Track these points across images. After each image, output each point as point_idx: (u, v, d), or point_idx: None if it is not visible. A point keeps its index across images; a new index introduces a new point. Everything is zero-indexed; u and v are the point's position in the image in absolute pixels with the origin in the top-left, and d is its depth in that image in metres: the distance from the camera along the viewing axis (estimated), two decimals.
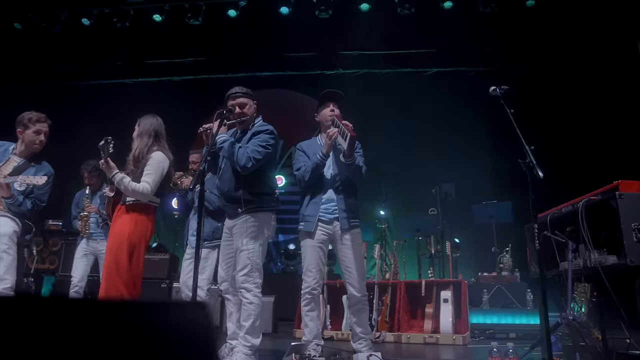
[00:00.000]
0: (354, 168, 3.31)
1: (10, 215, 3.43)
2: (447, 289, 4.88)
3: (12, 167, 3.50)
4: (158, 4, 8.36)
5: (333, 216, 3.35)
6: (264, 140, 3.26)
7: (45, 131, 3.56)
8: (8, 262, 3.22)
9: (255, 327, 3.18)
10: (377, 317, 4.97)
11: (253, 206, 3.24)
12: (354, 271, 3.29)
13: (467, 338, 4.70)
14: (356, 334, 3.34)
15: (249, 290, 3.17)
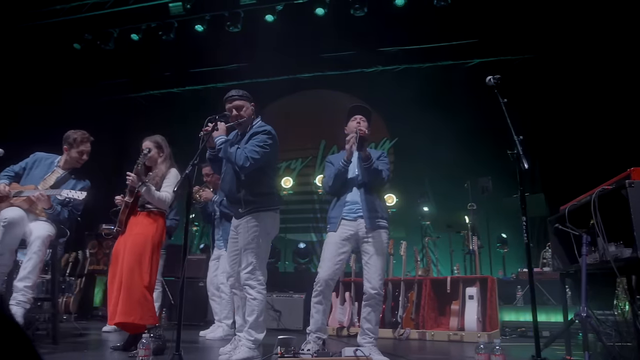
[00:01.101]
0: (373, 172, 3.40)
1: (48, 220, 3.78)
2: (473, 285, 4.74)
3: (55, 178, 3.90)
4: (199, 14, 8.72)
5: (357, 215, 3.45)
6: (262, 140, 3.37)
7: (88, 151, 3.99)
8: (35, 263, 3.54)
9: (259, 322, 3.29)
10: (402, 314, 4.93)
11: (255, 206, 3.35)
12: (373, 267, 3.36)
13: (495, 336, 4.56)
14: (363, 329, 3.38)
15: (252, 287, 3.29)
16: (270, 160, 3.47)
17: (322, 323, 3.39)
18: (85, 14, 8.59)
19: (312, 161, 9.63)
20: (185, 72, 9.93)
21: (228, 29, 8.62)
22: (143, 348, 2.62)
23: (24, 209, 3.63)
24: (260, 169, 3.39)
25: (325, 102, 9.72)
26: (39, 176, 3.87)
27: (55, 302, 4.03)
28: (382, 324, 5.04)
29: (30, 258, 3.50)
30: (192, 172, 2.97)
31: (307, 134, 9.53)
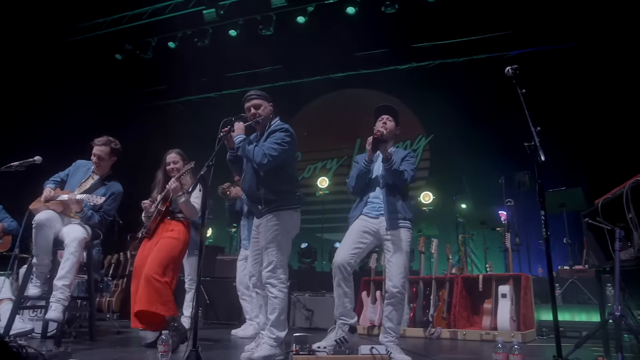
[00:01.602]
0: (394, 173, 3.36)
1: (82, 223, 3.97)
2: (506, 283, 4.58)
3: (90, 183, 4.15)
4: (232, 19, 8.88)
5: (379, 212, 3.42)
6: (280, 138, 3.39)
7: (96, 154, 4.12)
8: (72, 263, 3.74)
9: (281, 320, 3.31)
10: (434, 313, 4.83)
11: (275, 205, 3.37)
12: (394, 265, 3.31)
13: (530, 336, 4.39)
14: (384, 328, 3.33)
15: (273, 286, 3.32)
16: (289, 158, 3.49)
17: (345, 307, 3.36)
18: (125, 26, 8.95)
19: (348, 160, 9.59)
20: (221, 77, 10.14)
21: (261, 32, 8.73)
22: (162, 344, 2.69)
23: (58, 211, 3.88)
24: (280, 167, 3.41)
25: (360, 101, 9.67)
26: (77, 182, 4.13)
27: (92, 301, 4.22)
28: (412, 323, 4.99)
29: (68, 259, 3.70)
30: (208, 174, 3.02)
31: (343, 133, 9.51)
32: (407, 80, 9.06)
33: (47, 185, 4.06)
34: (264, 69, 9.95)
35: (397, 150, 3.61)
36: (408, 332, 4.92)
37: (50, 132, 4.80)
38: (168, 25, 8.95)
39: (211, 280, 6.41)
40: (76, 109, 8.08)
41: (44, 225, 3.67)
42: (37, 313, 4.46)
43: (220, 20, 8.79)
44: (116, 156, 4.28)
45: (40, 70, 8.17)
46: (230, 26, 8.95)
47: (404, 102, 9.30)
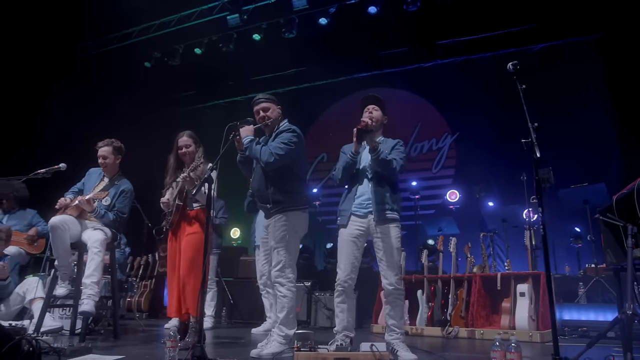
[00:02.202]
0: (382, 163, 3.29)
1: (101, 226, 4.17)
2: (525, 282, 4.48)
3: (102, 186, 4.35)
4: (256, 23, 9.03)
5: (367, 210, 3.36)
6: (286, 138, 3.46)
7: (101, 155, 4.37)
8: (97, 262, 3.96)
9: (290, 318, 3.37)
10: (452, 312, 4.78)
11: (283, 205, 3.44)
12: (387, 263, 3.28)
13: (550, 335, 4.27)
14: (388, 326, 3.32)
15: (282, 285, 3.38)
16: (297, 159, 3.54)
17: (348, 322, 3.36)
18: (154, 34, 9.25)
19: None
20: (247, 80, 10.31)
21: (284, 35, 8.82)
22: (170, 340, 2.79)
23: (74, 216, 4.11)
24: (288, 168, 3.47)
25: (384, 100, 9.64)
26: (91, 187, 4.40)
27: (115, 300, 4.41)
28: (430, 322, 4.95)
29: (92, 259, 3.93)
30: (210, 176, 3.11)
31: None
32: (432, 78, 8.98)
33: (67, 196, 4.32)
34: (288, 72, 10.06)
35: (386, 140, 3.53)
36: (426, 331, 4.90)
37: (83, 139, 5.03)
38: (194, 32, 9.20)
39: (234, 280, 6.54)
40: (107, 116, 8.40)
41: (57, 227, 3.88)
42: (66, 311, 4.68)
43: (244, 25, 8.95)
44: (120, 154, 4.47)
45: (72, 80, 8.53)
46: (253, 30, 9.09)
47: (429, 100, 9.24)
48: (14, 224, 5.26)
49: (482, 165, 7.97)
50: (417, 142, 9.21)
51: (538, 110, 7.52)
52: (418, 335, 4.89)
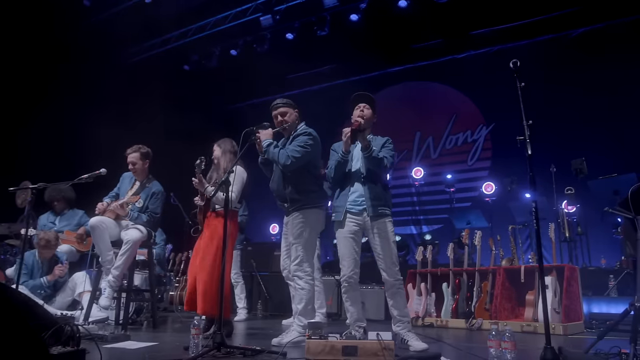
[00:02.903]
0: (373, 160, 3.38)
1: (137, 225, 4.51)
2: (549, 274, 4.45)
3: (134, 190, 4.66)
4: (288, 23, 9.23)
5: (361, 207, 3.45)
6: (302, 141, 3.62)
7: (130, 161, 4.68)
8: (126, 259, 4.34)
9: (308, 309, 3.55)
10: (476, 304, 4.81)
11: (300, 204, 3.62)
12: (385, 257, 3.37)
13: (574, 328, 4.24)
14: (394, 317, 3.42)
15: (300, 278, 3.57)
16: (312, 160, 3.70)
17: (359, 313, 3.48)
18: (191, 38, 9.63)
19: (408, 154, 9.60)
20: (282, 79, 10.54)
21: (316, 33, 8.97)
22: (194, 328, 3.03)
23: (112, 218, 4.48)
24: (304, 168, 3.64)
25: (418, 94, 9.66)
26: (125, 191, 4.75)
27: (152, 293, 4.74)
28: (455, 314, 5.00)
29: (123, 254, 4.29)
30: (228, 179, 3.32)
31: (401, 127, 9.53)
32: (465, 69, 8.88)
33: (105, 200, 4.69)
34: (322, 69, 10.23)
35: (375, 137, 3.59)
36: (450, 323, 4.95)
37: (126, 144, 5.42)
38: (229, 34, 9.50)
39: (269, 275, 6.79)
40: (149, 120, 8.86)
41: (96, 226, 4.24)
42: (111, 303, 5.07)
43: (277, 25, 9.17)
44: (147, 159, 4.76)
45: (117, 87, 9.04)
46: (286, 30, 9.29)
47: (463, 91, 9.15)
48: (65, 224, 5.73)
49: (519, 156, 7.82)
50: (452, 135, 9.16)
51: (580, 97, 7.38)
52: (443, 327, 4.96)
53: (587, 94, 7.26)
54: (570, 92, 7.42)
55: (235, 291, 5.84)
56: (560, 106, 7.42)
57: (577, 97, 7.31)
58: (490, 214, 7.23)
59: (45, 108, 7.53)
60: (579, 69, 7.55)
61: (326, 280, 5.87)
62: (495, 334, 2.41)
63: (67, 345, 2.54)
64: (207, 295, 3.82)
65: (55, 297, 5.06)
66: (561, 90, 7.51)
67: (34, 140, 7.50)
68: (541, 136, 7.09)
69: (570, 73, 7.60)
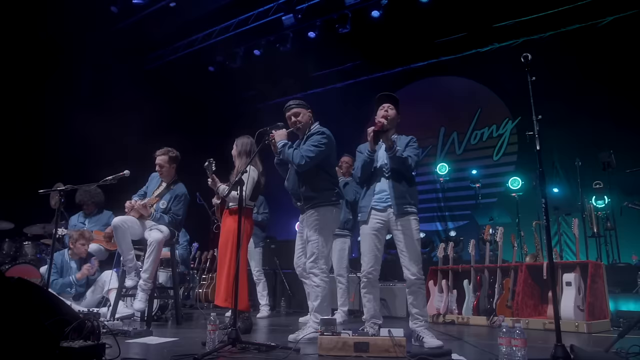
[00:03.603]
0: (398, 160, 3.43)
1: (159, 226, 4.64)
2: (572, 271, 4.34)
3: (159, 191, 4.78)
4: (310, 21, 9.25)
5: (386, 204, 3.48)
6: (316, 140, 3.66)
7: (158, 163, 4.79)
8: (152, 259, 4.47)
9: (323, 306, 3.59)
10: (497, 301, 4.74)
11: (315, 202, 3.67)
12: (408, 254, 3.38)
13: (599, 326, 4.13)
14: (412, 315, 3.42)
15: (316, 275, 3.60)
16: (327, 158, 3.73)
17: (375, 310, 3.51)
18: (215, 39, 9.78)
19: (433, 150, 9.51)
20: (306, 77, 10.61)
21: (338, 30, 8.96)
22: (210, 324, 3.11)
23: (136, 217, 4.61)
24: (319, 167, 3.68)
25: (441, 89, 9.55)
26: (152, 190, 4.84)
27: (176, 291, 4.87)
28: (476, 311, 4.95)
29: (149, 256, 4.43)
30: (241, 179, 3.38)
31: (426, 122, 9.46)
32: (490, 63, 8.73)
33: (133, 198, 4.84)
34: (345, 66, 10.24)
35: (400, 137, 3.63)
36: (472, 320, 4.90)
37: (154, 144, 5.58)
38: (252, 34, 9.60)
39: (292, 272, 6.83)
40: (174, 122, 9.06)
41: (118, 226, 4.38)
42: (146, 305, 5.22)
43: (298, 24, 9.20)
44: (175, 162, 4.88)
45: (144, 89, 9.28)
46: (308, 28, 9.32)
47: (488, 85, 9.00)
48: (94, 225, 5.95)
49: (547, 150, 7.66)
50: (477, 130, 9.02)
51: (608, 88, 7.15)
52: (464, 324, 4.91)
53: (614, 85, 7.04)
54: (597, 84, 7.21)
55: (258, 288, 5.93)
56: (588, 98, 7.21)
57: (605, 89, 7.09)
58: (517, 210, 7.11)
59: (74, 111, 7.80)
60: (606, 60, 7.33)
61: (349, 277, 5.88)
62: (505, 332, 2.38)
63: (87, 340, 2.66)
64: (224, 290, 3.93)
65: (86, 294, 5.25)
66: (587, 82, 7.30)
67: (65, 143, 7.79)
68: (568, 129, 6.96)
69: (597, 64, 7.39)
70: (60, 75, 7.85)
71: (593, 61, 7.48)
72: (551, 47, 8.02)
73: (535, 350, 3.10)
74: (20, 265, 5.78)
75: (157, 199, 4.61)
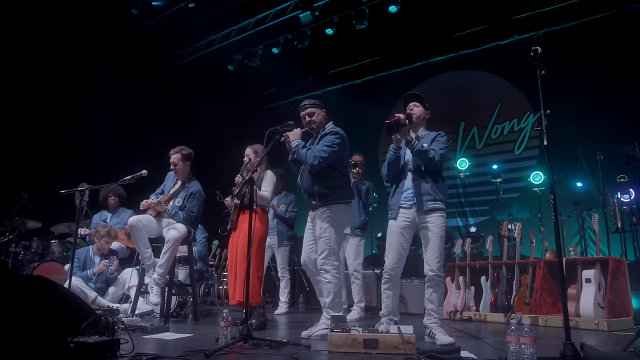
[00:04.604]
0: (418, 154, 3.43)
1: (176, 224, 4.73)
2: (592, 267, 4.24)
3: (175, 188, 4.88)
4: (328, 18, 9.24)
5: (412, 202, 3.51)
6: (330, 140, 3.69)
7: (172, 161, 4.88)
8: (168, 256, 4.57)
9: (336, 302, 3.61)
10: (514, 298, 4.67)
11: (328, 199, 3.70)
12: (430, 250, 3.39)
13: (619, 324, 4.03)
14: (427, 310, 3.42)
15: (327, 272, 3.62)
16: (340, 158, 3.76)
17: (393, 307, 3.52)
18: (234, 39, 9.86)
19: (453, 145, 9.39)
20: (324, 74, 10.62)
21: (355, 27, 8.93)
22: (223, 320, 3.16)
23: (153, 215, 4.72)
24: (332, 166, 3.71)
25: (461, 83, 9.42)
26: (168, 188, 4.94)
27: (194, 288, 4.96)
28: (493, 308, 4.89)
29: (164, 252, 4.53)
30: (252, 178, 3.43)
31: (445, 117, 9.35)
32: (510, 56, 8.55)
33: (151, 197, 4.93)
34: (364, 62, 10.21)
35: (429, 132, 3.63)
36: (489, 317, 4.85)
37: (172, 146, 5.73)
38: (271, 32, 9.65)
39: None
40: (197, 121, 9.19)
41: (133, 226, 4.50)
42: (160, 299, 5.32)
43: (316, 21, 9.19)
44: (189, 160, 4.97)
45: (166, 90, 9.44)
46: (326, 25, 9.30)
47: (508, 79, 8.84)
48: (117, 222, 6.10)
49: (569, 143, 7.51)
50: (498, 124, 8.88)
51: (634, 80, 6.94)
52: (481, 321, 4.86)
53: None
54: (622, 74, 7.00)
55: (280, 285, 6.01)
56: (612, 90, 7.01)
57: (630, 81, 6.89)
58: (539, 205, 6.98)
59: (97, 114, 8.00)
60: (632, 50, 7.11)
61: (365, 274, 5.89)
62: (514, 329, 2.35)
63: (103, 335, 2.74)
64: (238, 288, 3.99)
65: (108, 291, 5.39)
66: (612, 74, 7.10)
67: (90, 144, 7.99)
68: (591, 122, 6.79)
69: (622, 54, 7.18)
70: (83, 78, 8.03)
71: (618, 52, 7.27)
72: (574, 38, 7.83)
73: (549, 348, 3.06)
74: (48, 263, 5.98)
75: (167, 196, 4.69)
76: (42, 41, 7.64)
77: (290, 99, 11.04)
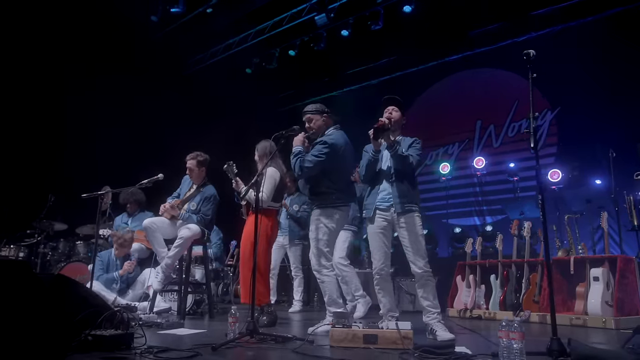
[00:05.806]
0: (399, 158, 3.51)
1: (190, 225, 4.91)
2: (601, 266, 4.23)
3: (191, 192, 5.04)
4: (343, 20, 9.33)
5: (389, 204, 3.59)
6: (317, 150, 3.81)
7: (188, 167, 5.07)
8: (176, 252, 4.77)
9: (334, 299, 3.77)
10: (523, 296, 4.69)
11: (317, 203, 3.87)
12: (412, 249, 3.47)
13: (627, 322, 4.01)
14: (424, 308, 3.49)
15: (318, 272, 3.81)
16: (328, 166, 3.82)
17: (391, 304, 3.61)
18: (251, 42, 10.05)
19: (469, 144, 9.37)
20: (341, 76, 10.71)
21: (370, 27, 9.00)
22: (231, 317, 3.30)
23: (168, 218, 4.91)
24: (325, 172, 3.83)
25: (477, 81, 9.39)
26: (184, 192, 5.12)
27: (208, 286, 5.14)
28: (502, 306, 4.91)
29: (174, 248, 4.74)
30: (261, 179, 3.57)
31: (462, 116, 9.34)
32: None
33: (168, 200, 5.14)
34: (380, 62, 10.26)
35: (404, 138, 3.70)
36: (498, 315, 4.87)
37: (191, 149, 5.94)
38: (287, 35, 9.80)
39: None
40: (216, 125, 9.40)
41: (147, 227, 4.73)
42: (174, 295, 5.53)
43: (331, 23, 9.30)
44: (204, 166, 5.14)
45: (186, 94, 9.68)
46: (341, 27, 9.39)
47: (525, 76, 8.72)
48: (136, 225, 6.32)
49: (587, 141, 7.44)
50: (515, 122, 8.82)
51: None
52: (491, 319, 4.89)
53: None
54: None
55: (294, 284, 6.14)
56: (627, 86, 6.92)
57: None
58: (554, 203, 6.93)
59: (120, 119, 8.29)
60: None
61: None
62: (504, 325, 2.42)
63: (118, 329, 2.93)
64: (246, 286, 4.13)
65: (129, 290, 5.62)
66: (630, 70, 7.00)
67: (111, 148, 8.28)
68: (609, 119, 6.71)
69: None
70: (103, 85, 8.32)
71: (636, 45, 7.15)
72: (591, 34, 7.73)
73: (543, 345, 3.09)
74: (73, 263, 6.25)
75: (179, 201, 4.91)
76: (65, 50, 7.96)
77: (307, 100, 11.16)
